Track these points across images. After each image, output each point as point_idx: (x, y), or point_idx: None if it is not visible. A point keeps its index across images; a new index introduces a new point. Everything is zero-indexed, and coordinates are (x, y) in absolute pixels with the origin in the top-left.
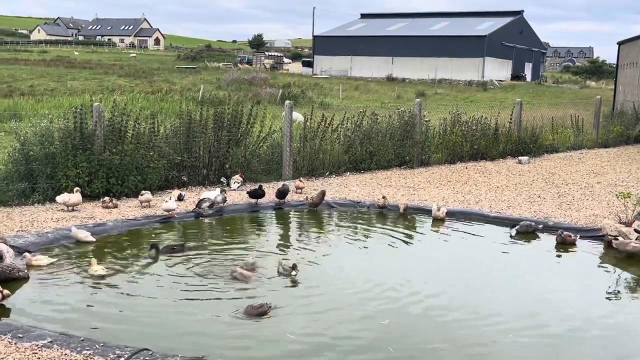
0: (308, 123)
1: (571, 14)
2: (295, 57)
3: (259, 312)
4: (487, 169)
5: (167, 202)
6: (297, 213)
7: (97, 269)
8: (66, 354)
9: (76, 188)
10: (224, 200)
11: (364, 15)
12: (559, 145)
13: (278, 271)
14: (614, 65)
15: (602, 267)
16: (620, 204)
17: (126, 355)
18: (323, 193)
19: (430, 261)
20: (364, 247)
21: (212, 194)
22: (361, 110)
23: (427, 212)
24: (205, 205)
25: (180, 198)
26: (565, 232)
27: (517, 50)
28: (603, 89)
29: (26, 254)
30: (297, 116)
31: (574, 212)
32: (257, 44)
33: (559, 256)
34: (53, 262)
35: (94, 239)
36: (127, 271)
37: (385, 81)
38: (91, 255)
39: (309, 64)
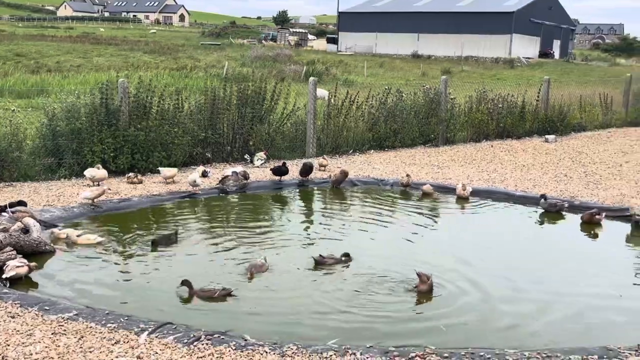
0: (332, 100)
1: None
2: (320, 33)
3: (208, 295)
4: (513, 148)
5: (193, 177)
6: (320, 191)
7: (91, 237)
8: (91, 327)
9: (97, 165)
10: (246, 175)
11: None
12: (586, 123)
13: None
14: None
15: (628, 246)
16: None
17: (150, 329)
18: (344, 172)
19: (456, 241)
20: (389, 227)
21: (236, 170)
22: (386, 87)
23: (451, 190)
24: (229, 181)
25: (204, 174)
26: (594, 212)
27: (546, 27)
28: (633, 66)
29: (73, 231)
30: (322, 93)
31: (601, 191)
32: (282, 20)
33: (586, 235)
34: (101, 241)
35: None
36: (151, 247)
37: (410, 58)
38: (117, 231)
39: (333, 41)
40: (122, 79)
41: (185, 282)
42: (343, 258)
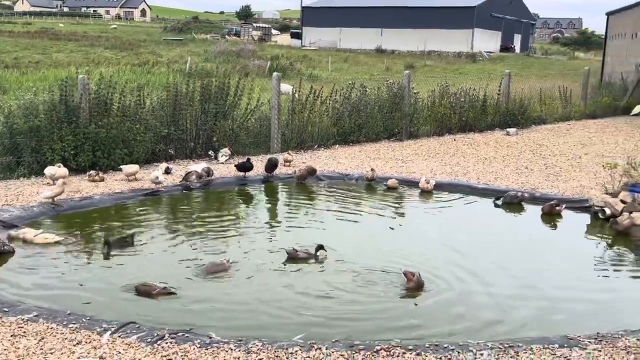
0: (296, 95)
1: None
2: (284, 28)
3: (147, 290)
4: (475, 141)
5: (156, 174)
6: (285, 186)
7: (48, 236)
8: (52, 328)
9: (58, 164)
10: (210, 172)
11: None
12: (546, 116)
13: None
14: (603, 37)
15: (587, 237)
16: (607, 175)
17: (113, 329)
18: (310, 169)
19: (421, 234)
20: (355, 222)
21: (199, 167)
22: (350, 82)
23: (415, 184)
24: (192, 178)
25: (167, 171)
26: (554, 203)
27: (507, 22)
28: (591, 60)
29: (30, 230)
30: (286, 88)
31: (561, 183)
32: (245, 15)
33: (546, 226)
34: (59, 240)
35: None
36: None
37: (374, 53)
38: (77, 230)
39: (297, 36)
40: (82, 75)
41: (137, 289)
42: (318, 253)
